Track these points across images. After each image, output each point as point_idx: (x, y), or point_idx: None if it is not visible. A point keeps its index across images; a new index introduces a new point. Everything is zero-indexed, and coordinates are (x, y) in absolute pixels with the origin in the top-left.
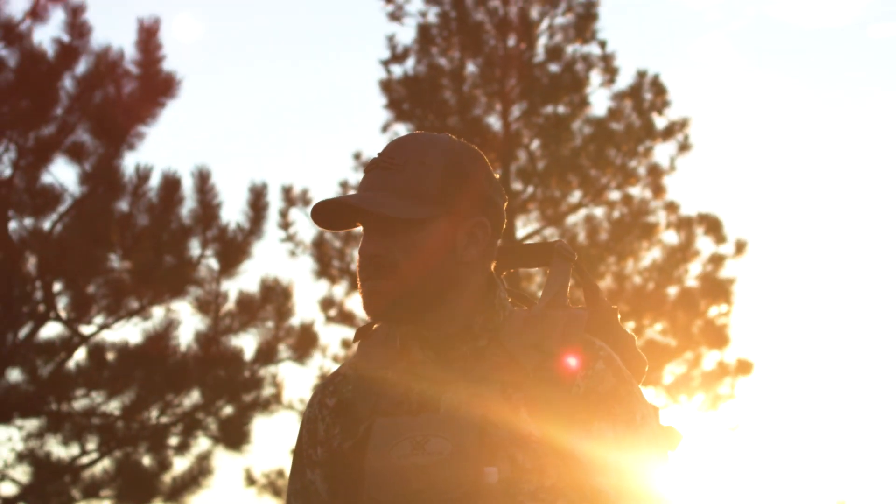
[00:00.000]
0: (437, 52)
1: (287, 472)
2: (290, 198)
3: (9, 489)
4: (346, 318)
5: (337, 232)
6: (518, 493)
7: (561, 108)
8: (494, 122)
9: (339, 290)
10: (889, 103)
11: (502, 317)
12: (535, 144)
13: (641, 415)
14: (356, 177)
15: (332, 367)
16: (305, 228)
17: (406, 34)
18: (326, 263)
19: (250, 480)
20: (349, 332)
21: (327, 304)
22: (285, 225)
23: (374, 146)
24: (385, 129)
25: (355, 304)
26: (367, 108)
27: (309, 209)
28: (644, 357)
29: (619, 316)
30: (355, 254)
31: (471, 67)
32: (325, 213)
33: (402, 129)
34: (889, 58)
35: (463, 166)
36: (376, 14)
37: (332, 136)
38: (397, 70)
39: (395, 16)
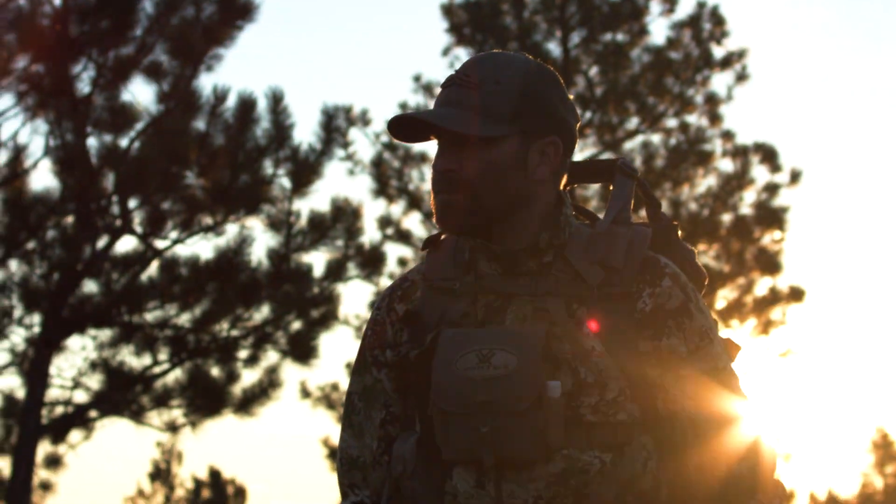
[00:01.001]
0: None
1: (342, 386)
2: (351, 118)
3: (81, 397)
4: (402, 236)
5: (411, 144)
6: (580, 407)
7: (620, 36)
8: (554, 48)
9: (397, 209)
10: None
11: (568, 233)
12: (594, 71)
13: (709, 328)
14: (416, 99)
15: None
16: (365, 148)
17: None
18: (385, 183)
19: (305, 393)
20: (406, 251)
21: (384, 222)
22: (345, 144)
23: (435, 69)
24: (446, 52)
25: (413, 223)
26: (429, 32)
27: (383, 125)
28: (704, 271)
29: (679, 231)
30: (413, 174)
31: None
32: (402, 127)
33: (462, 54)
34: None
35: (537, 86)
36: None
37: (393, 59)
38: None
39: None
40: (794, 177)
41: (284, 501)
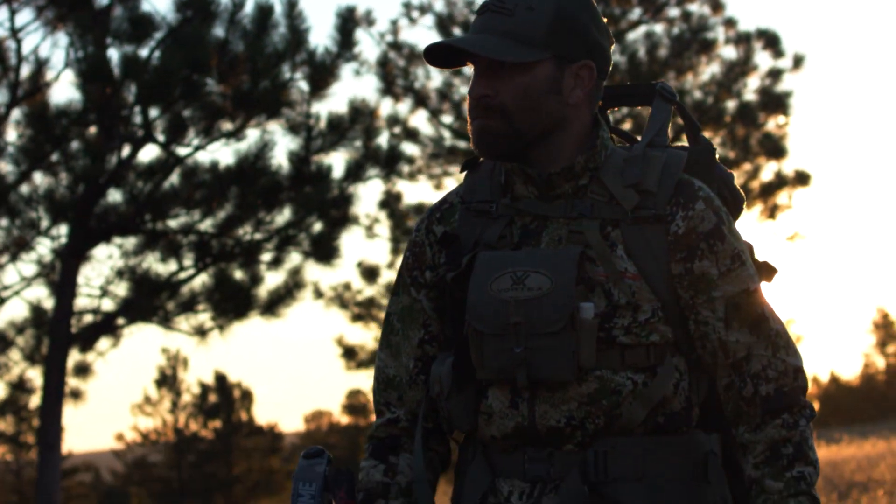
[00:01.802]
0: None
1: (353, 285)
2: (355, 18)
3: (109, 305)
4: (410, 135)
5: (447, 70)
6: (613, 328)
7: None
8: None
9: (403, 107)
10: None
11: (604, 156)
12: None
13: (742, 250)
14: None
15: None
16: (370, 48)
17: None
18: (391, 82)
19: (318, 293)
20: (414, 149)
21: (392, 121)
22: (351, 45)
23: None
24: None
25: (419, 121)
26: None
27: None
28: (742, 194)
29: (717, 154)
30: (419, 72)
31: None
32: (438, 54)
33: None
34: None
35: (570, 11)
36: None
37: None
38: None
39: None
40: (797, 62)
41: (292, 402)
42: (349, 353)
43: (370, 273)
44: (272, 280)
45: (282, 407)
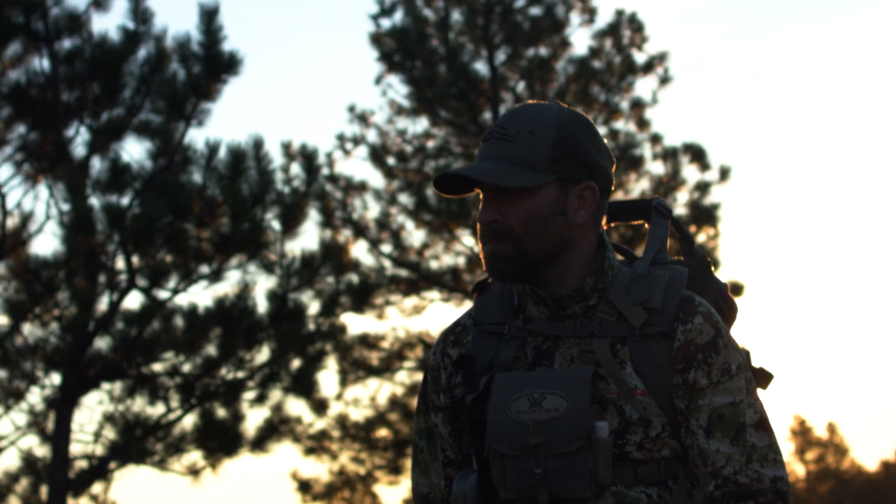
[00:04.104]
0: (423, 3)
1: (304, 419)
2: (290, 153)
3: (100, 449)
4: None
5: (454, 197)
6: (626, 444)
7: (543, 50)
8: (481, 67)
9: (342, 239)
10: (855, 22)
11: (611, 276)
12: (521, 86)
13: (737, 364)
14: (351, 128)
15: None
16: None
17: None
18: (330, 214)
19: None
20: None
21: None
22: (288, 180)
23: (369, 98)
24: (378, 81)
25: (359, 251)
26: (361, 63)
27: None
28: (735, 303)
29: (713, 267)
30: (356, 203)
31: (455, 16)
32: (447, 182)
33: (394, 80)
34: None
35: (571, 134)
36: None
37: (328, 90)
38: (386, 23)
39: None
40: (724, 174)
41: None
42: (304, 486)
43: (320, 405)
44: (254, 417)
45: None
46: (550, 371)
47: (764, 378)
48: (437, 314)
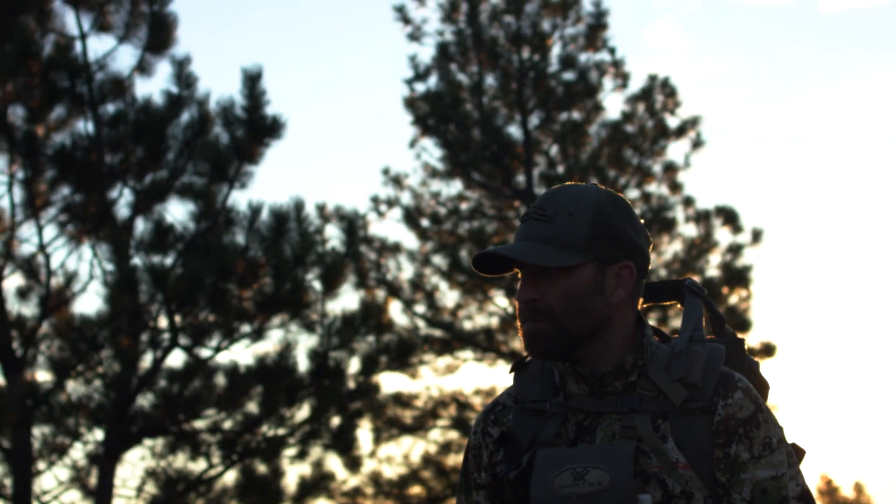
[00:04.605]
0: (457, 68)
1: (338, 476)
2: (325, 214)
3: None
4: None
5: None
6: None
7: (576, 115)
8: (515, 130)
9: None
10: (854, 79)
11: (650, 353)
12: (555, 150)
13: (778, 438)
14: (385, 191)
15: None
16: (338, 243)
17: (426, 53)
18: (364, 275)
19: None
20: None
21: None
22: (322, 241)
23: (403, 161)
24: (412, 144)
25: (393, 311)
26: (395, 126)
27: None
28: (767, 381)
29: (746, 345)
30: (390, 264)
31: (489, 81)
32: (485, 262)
33: (428, 144)
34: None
35: (608, 215)
36: (397, 35)
37: (362, 153)
38: (420, 87)
39: (415, 36)
40: (756, 236)
41: None
42: None
43: (354, 462)
44: (293, 473)
45: None
46: (593, 446)
47: (797, 454)
48: (471, 373)
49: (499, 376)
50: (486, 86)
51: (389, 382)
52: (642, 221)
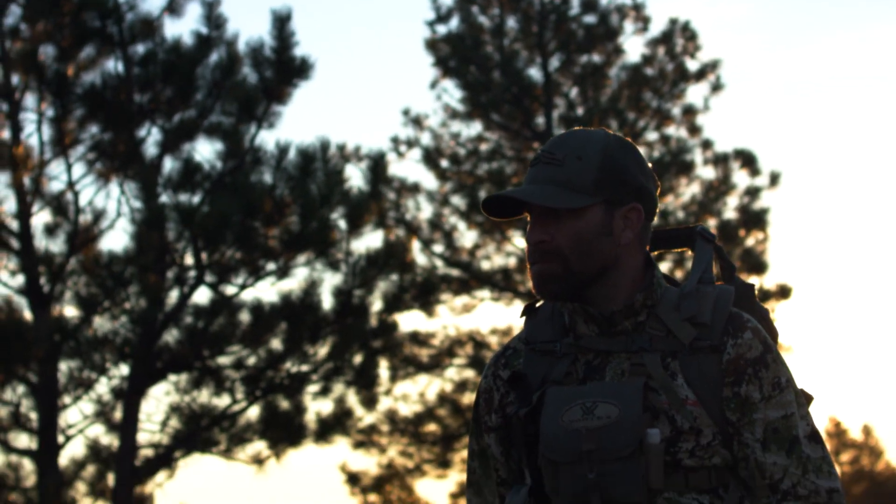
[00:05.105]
0: (478, 10)
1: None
2: (345, 155)
3: (166, 438)
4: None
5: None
6: (678, 452)
7: (597, 57)
8: (535, 73)
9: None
10: None
11: (659, 294)
12: (574, 92)
13: (786, 378)
14: (405, 132)
15: None
16: (358, 182)
17: None
18: (383, 215)
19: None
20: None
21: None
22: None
23: (423, 102)
24: (433, 85)
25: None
26: (417, 67)
27: (481, 199)
28: (776, 328)
29: (756, 291)
30: (409, 203)
31: (510, 23)
32: (496, 205)
33: (449, 85)
34: None
35: (616, 158)
36: None
37: (383, 93)
38: (442, 29)
39: None
40: (774, 179)
41: None
42: (353, 479)
43: (370, 400)
44: (314, 409)
45: None
46: (602, 383)
47: (805, 399)
48: (488, 313)
49: (515, 316)
50: (507, 28)
51: (406, 321)
52: (650, 165)
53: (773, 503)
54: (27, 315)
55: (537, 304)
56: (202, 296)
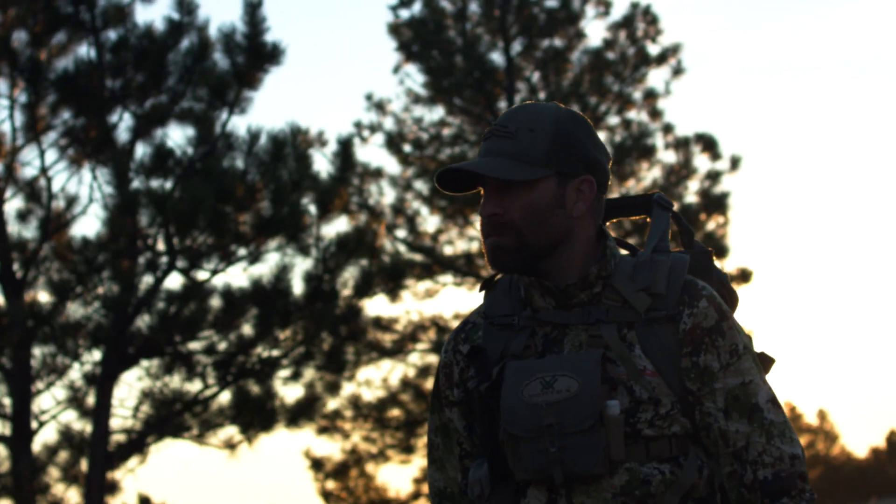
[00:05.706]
0: None
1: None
2: (308, 140)
3: (137, 424)
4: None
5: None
6: (637, 422)
7: (558, 42)
8: (497, 57)
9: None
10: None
11: (613, 264)
12: (536, 77)
13: (743, 344)
14: (368, 116)
15: None
16: (322, 168)
17: None
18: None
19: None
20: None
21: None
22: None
23: (386, 87)
24: (396, 70)
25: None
26: (379, 52)
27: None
28: (736, 292)
29: (713, 257)
30: (372, 188)
31: (472, 7)
32: (449, 179)
33: (411, 70)
34: None
35: (568, 131)
36: None
37: (345, 78)
38: (405, 14)
39: None
40: (734, 163)
41: None
42: (317, 464)
43: (333, 385)
44: (286, 394)
45: None
46: (561, 356)
47: (766, 363)
48: (451, 298)
49: (478, 301)
50: (470, 12)
51: (370, 306)
52: (605, 143)
53: (737, 470)
54: (0, 301)
55: (496, 278)
56: (174, 281)
